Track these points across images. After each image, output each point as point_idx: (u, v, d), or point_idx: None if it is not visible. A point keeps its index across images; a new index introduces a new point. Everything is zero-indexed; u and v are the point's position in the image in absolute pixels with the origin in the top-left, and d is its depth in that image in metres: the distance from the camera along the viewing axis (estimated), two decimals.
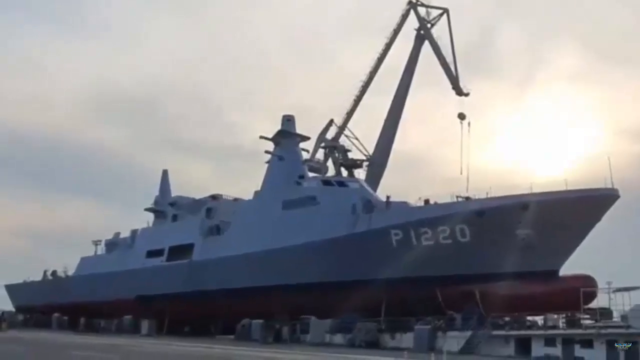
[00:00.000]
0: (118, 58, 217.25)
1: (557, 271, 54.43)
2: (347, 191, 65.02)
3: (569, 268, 55.10)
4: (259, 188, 74.40)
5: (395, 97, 79.63)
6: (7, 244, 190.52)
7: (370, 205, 61.41)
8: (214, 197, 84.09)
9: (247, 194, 78.01)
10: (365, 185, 69.65)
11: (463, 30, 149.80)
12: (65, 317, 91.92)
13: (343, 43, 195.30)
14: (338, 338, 55.09)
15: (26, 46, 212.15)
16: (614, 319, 43.22)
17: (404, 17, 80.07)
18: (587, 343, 40.00)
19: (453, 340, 46.30)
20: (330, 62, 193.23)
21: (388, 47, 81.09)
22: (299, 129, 75.96)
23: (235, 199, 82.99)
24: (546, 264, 52.84)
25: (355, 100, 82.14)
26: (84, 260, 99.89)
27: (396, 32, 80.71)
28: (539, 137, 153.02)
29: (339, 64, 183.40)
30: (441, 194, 59.81)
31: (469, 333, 46.40)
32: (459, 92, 76.62)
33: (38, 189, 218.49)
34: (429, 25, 78.89)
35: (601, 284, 46.14)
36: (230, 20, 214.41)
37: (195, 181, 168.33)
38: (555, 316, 46.80)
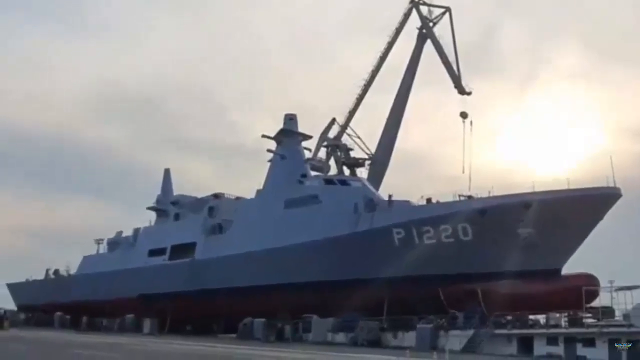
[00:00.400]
0: (119, 57, 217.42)
1: (559, 270, 54.51)
2: (349, 190, 65.06)
3: (571, 267, 55.19)
4: (261, 187, 74.35)
5: (397, 95, 79.64)
6: (9, 243, 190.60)
7: (372, 204, 61.44)
8: (216, 196, 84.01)
9: (249, 193, 78.06)
10: (367, 184, 69.69)
11: (464, 30, 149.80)
12: (68, 316, 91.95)
13: (345, 42, 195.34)
14: (340, 337, 55.08)
15: (26, 46, 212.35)
16: (616, 318, 43.19)
17: (406, 15, 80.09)
18: (590, 342, 39.99)
19: (455, 339, 46.33)
20: (332, 61, 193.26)
21: (390, 45, 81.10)
22: (301, 128, 76.02)
23: (238, 198, 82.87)
24: (548, 262, 52.94)
25: (357, 99, 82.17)
26: (86, 259, 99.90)
27: (398, 30, 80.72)
28: (540, 136, 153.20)
29: (340, 62, 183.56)
30: (443, 193, 59.81)
31: (471, 332, 46.39)
32: (461, 90, 76.58)
33: (40, 187, 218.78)
34: (431, 24, 78.89)
35: (603, 282, 46.12)
36: (231, 19, 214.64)
37: (197, 180, 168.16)
38: (558, 315, 46.82)
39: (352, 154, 78.63)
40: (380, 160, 79.85)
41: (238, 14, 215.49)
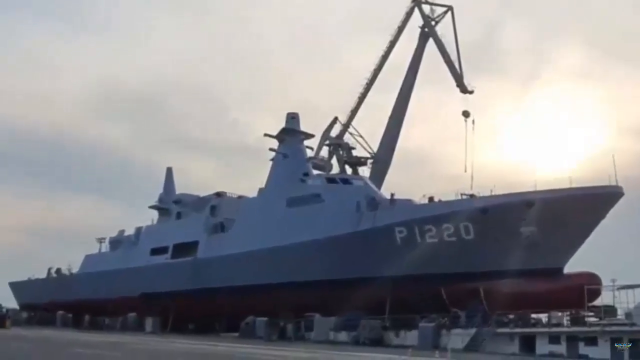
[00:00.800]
0: (121, 56, 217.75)
1: (561, 269, 54.44)
2: (352, 189, 65.05)
3: (573, 266, 55.14)
4: (263, 185, 74.52)
5: (399, 94, 79.65)
6: (11, 242, 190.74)
7: (374, 202, 61.37)
8: (218, 195, 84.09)
9: (252, 192, 78.32)
10: (369, 182, 69.66)
11: (467, 29, 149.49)
12: (70, 315, 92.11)
13: (347, 41, 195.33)
14: (342, 336, 55.08)
15: (27, 45, 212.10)
16: (618, 317, 43.21)
17: (408, 14, 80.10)
18: (592, 341, 40.05)
19: (457, 338, 46.37)
20: (334, 60, 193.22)
21: (392, 44, 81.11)
22: (303, 127, 76.03)
23: (240, 197, 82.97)
24: (550, 261, 52.85)
25: (359, 98, 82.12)
26: (88, 258, 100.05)
27: (400, 29, 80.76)
28: (542, 135, 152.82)
29: (343, 61, 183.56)
30: (445, 192, 60.00)
31: (473, 331, 46.42)
32: (464, 89, 76.60)
33: (42, 186, 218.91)
34: (433, 23, 78.90)
35: (605, 281, 46.11)
36: (234, 18, 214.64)
37: (199, 179, 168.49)
38: (560, 314, 46.80)
39: (354, 152, 78.77)
40: (383, 159, 79.85)
41: (239, 13, 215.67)
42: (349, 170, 76.60)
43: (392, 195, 62.41)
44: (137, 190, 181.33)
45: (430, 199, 59.29)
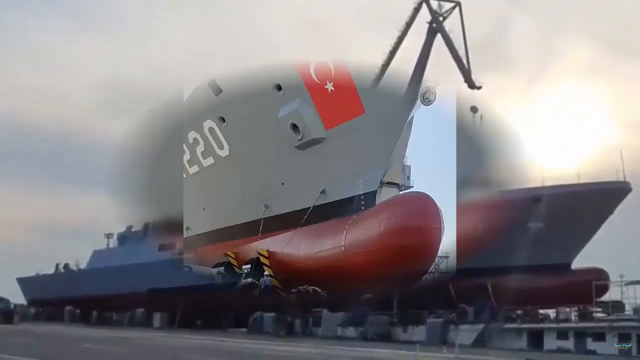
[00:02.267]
0: (128, 51, 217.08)
1: (569, 264, 54.42)
2: None
3: (581, 261, 55.04)
4: None
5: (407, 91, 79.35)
6: (19, 237, 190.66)
7: None
8: None
9: None
10: None
11: (474, 24, 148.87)
12: (78, 311, 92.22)
13: (354, 36, 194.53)
14: (350, 331, 55.08)
15: (37, 39, 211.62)
16: (626, 312, 43.14)
17: (416, 10, 79.67)
18: (599, 336, 40.01)
19: (465, 333, 46.32)
20: (341, 56, 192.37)
21: (400, 40, 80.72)
22: None
23: None
24: (558, 257, 52.80)
25: None
26: (96, 254, 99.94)
27: (408, 25, 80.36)
28: (550, 130, 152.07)
29: (350, 57, 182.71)
30: None
31: (481, 326, 46.39)
32: (471, 85, 76.30)
33: (49, 182, 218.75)
34: (441, 19, 78.61)
35: (613, 277, 46.13)
36: (241, 13, 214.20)
37: None
38: (568, 309, 46.71)
39: None
40: None
41: (245, 9, 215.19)
42: None
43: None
44: None
45: None
